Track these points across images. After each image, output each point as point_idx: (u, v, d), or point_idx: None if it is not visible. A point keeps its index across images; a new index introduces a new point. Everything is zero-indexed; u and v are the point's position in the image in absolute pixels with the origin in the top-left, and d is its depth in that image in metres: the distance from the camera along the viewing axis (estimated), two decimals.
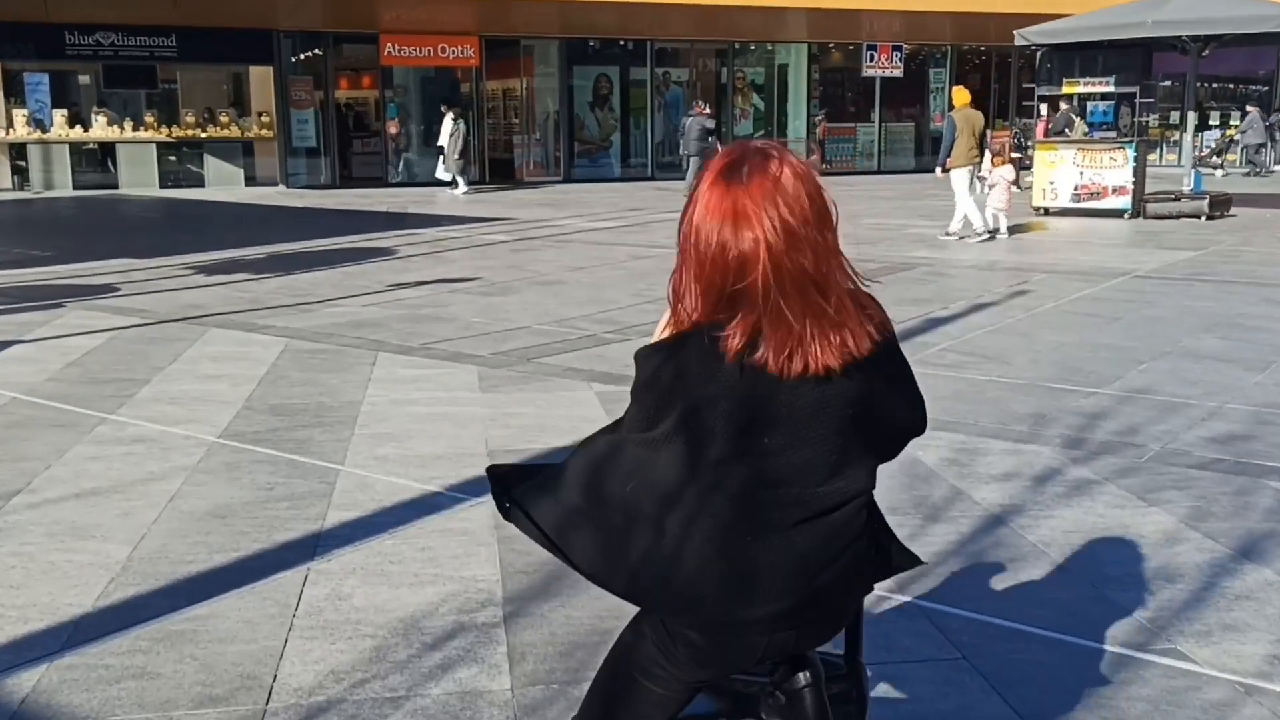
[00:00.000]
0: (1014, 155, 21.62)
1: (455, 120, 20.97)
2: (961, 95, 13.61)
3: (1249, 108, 26.17)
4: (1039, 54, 16.92)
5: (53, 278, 10.64)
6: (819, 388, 1.70)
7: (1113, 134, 16.57)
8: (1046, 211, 16.26)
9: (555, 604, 3.41)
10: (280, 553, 3.86)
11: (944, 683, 2.98)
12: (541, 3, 21.63)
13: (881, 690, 2.93)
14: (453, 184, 21.40)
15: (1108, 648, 3.14)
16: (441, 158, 21.46)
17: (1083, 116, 20.03)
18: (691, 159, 19.54)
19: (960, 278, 10.40)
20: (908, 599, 3.46)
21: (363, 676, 3.00)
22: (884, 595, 3.48)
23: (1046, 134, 22.23)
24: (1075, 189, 16.08)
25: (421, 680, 2.98)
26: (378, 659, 3.10)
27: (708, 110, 20.52)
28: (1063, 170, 16.14)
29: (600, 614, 3.27)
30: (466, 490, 4.47)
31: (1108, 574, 3.65)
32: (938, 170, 13.67)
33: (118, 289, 9.91)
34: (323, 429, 5.38)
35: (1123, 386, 6.14)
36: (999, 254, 12.03)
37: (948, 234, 13.34)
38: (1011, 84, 28.20)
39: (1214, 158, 25.58)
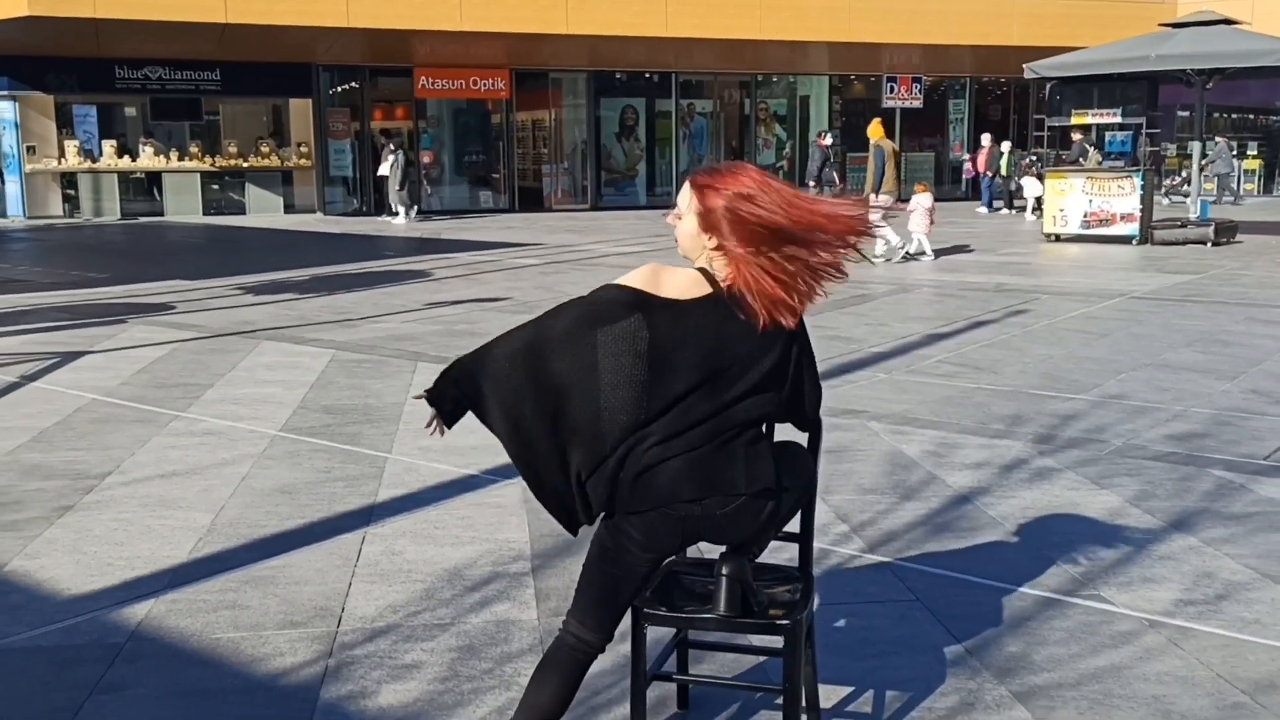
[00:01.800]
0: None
1: (394, 152, 21.67)
2: (876, 129, 14.50)
3: (1217, 138, 26.62)
4: (1049, 86, 17.49)
5: (112, 297, 11.39)
6: None
7: (1120, 163, 17.10)
8: (1057, 238, 16.81)
9: (575, 559, 3.99)
10: (340, 520, 4.49)
11: (898, 618, 3.56)
12: (570, 37, 22.43)
13: (841, 622, 3.52)
14: (394, 213, 21.98)
15: (1040, 593, 3.72)
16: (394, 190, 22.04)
17: (1101, 146, 20.63)
18: (809, 183, 20.88)
19: (964, 298, 10.97)
20: (876, 557, 4.05)
21: (415, 610, 3.62)
22: (854, 554, 4.08)
23: (987, 167, 23.15)
24: (1085, 216, 16.63)
25: (464, 612, 3.60)
26: (427, 597, 3.72)
27: (827, 141, 21.61)
28: (1072, 198, 16.69)
29: None
30: (499, 474, 5.09)
31: (1052, 540, 4.23)
32: (871, 196, 14.57)
33: (174, 307, 10.64)
34: (371, 425, 6.02)
35: (1099, 393, 6.70)
36: (1004, 276, 12.59)
37: (908, 255, 14.14)
38: (1030, 115, 28.84)
39: (1185, 186, 26.04)
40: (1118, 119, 16.86)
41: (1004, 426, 5.91)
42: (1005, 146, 23.29)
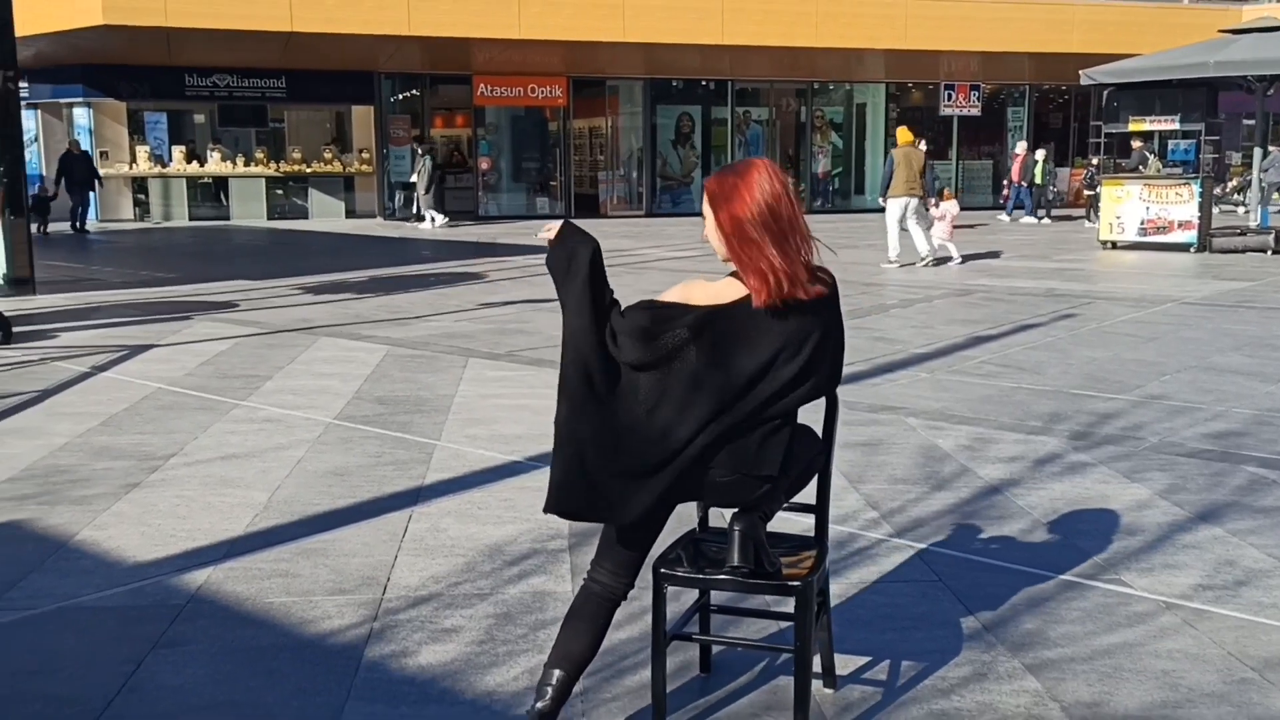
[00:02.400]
0: (1087, 193, 22.08)
1: (423, 158, 21.74)
2: (904, 135, 14.75)
3: (1271, 147, 26.15)
4: (1105, 93, 17.38)
5: (179, 295, 11.78)
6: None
7: (1179, 170, 16.95)
8: (1113, 245, 16.69)
9: None
10: (389, 500, 4.70)
11: (921, 596, 3.68)
12: (627, 45, 22.66)
13: (865, 600, 3.65)
14: (421, 218, 22.00)
15: (1061, 576, 3.82)
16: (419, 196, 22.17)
17: (1162, 155, 20.41)
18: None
19: (1013, 302, 10.98)
20: (903, 541, 4.17)
21: (457, 581, 3.81)
22: (882, 538, 4.19)
23: (1021, 176, 22.97)
24: (1141, 223, 16.49)
25: (503, 584, 3.78)
26: (468, 570, 3.90)
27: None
28: (1129, 205, 16.57)
29: None
30: (542, 460, 5.26)
31: (1078, 528, 4.31)
32: (879, 199, 14.69)
33: (237, 305, 10.99)
34: (421, 415, 6.24)
35: (1140, 394, 6.73)
36: (1056, 282, 12.57)
37: (889, 262, 14.29)
38: (1090, 123, 28.57)
39: (1235, 195, 25.53)
40: (1176, 126, 16.71)
41: (1041, 424, 5.98)
42: (1040, 154, 23.00)
